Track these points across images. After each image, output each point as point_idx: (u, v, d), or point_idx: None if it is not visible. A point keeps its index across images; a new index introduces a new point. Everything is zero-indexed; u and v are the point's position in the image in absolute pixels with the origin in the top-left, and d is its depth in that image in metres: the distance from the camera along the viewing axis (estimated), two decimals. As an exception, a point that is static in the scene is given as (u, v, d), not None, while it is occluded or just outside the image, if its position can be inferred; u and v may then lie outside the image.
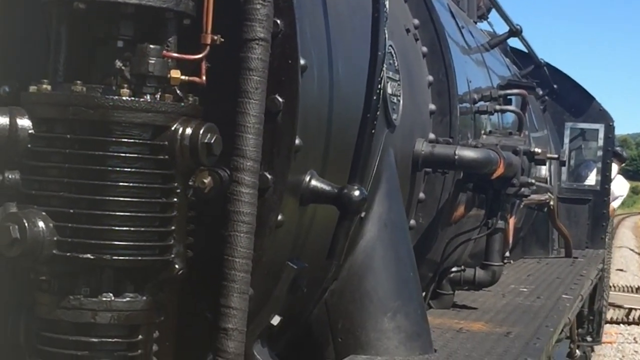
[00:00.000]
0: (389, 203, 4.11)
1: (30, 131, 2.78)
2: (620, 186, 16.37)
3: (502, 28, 9.25)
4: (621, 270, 26.21)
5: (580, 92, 12.79)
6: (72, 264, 2.72)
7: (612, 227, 16.29)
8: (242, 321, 2.90)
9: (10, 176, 2.79)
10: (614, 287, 19.36)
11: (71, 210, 2.71)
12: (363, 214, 3.86)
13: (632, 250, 34.95)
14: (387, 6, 3.27)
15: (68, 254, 2.70)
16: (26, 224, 2.67)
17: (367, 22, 3.39)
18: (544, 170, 10.37)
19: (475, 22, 8.79)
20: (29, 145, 2.78)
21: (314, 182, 3.27)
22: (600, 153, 12.78)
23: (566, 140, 12.77)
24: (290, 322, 3.55)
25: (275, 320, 3.35)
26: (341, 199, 3.27)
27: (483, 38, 8.29)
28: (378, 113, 3.33)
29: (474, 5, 8.80)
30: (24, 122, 2.78)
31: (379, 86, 3.28)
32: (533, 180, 6.10)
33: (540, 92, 11.70)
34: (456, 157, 4.79)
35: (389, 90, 4.25)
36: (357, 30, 3.72)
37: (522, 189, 5.73)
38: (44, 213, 2.72)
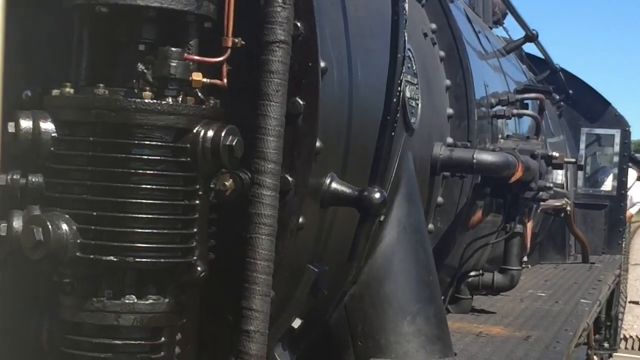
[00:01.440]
0: (408, 206, 4.11)
1: (53, 134, 2.79)
2: (639, 193, 16.32)
3: (517, 34, 9.24)
4: (636, 303, 19.33)
5: (596, 98, 12.78)
6: (95, 267, 2.73)
7: (629, 234, 16.20)
8: (264, 323, 2.90)
9: (33, 179, 2.81)
10: (625, 338, 15.48)
11: (94, 213, 2.72)
12: (382, 218, 3.86)
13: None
14: (407, 9, 3.28)
15: (91, 256, 2.71)
16: (50, 227, 2.68)
17: (386, 25, 3.40)
18: (560, 176, 10.36)
19: (491, 28, 8.79)
20: (52, 149, 2.79)
21: (334, 185, 3.28)
22: (616, 159, 12.77)
23: (582, 145, 12.75)
24: (310, 325, 3.55)
25: (296, 323, 3.36)
26: (361, 201, 3.27)
27: (499, 43, 8.29)
28: (398, 116, 3.34)
29: (489, 11, 8.80)
30: (47, 126, 2.80)
31: (399, 89, 3.28)
32: (551, 184, 6.09)
33: (557, 97, 11.69)
34: (474, 160, 4.79)
35: (408, 94, 4.25)
36: (375, 33, 3.73)
37: (540, 193, 5.73)
38: (67, 216, 2.73)
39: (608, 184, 12.92)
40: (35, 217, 2.74)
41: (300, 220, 3.14)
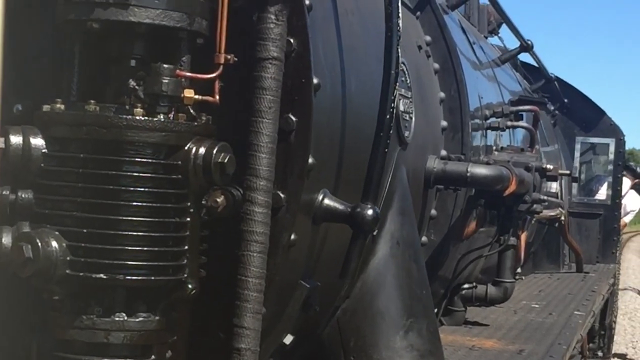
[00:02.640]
0: (401, 221, 4.09)
1: (43, 150, 2.77)
2: (633, 201, 16.34)
3: (512, 42, 9.25)
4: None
5: (590, 107, 12.79)
6: (85, 284, 2.71)
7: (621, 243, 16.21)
8: (255, 341, 2.89)
9: (23, 195, 2.78)
10: None
11: (84, 230, 2.69)
12: (375, 232, 3.84)
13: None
14: (401, 25, 3.27)
15: (81, 273, 2.69)
16: (39, 244, 2.66)
17: (379, 40, 3.39)
18: (554, 185, 10.35)
19: (486, 37, 8.79)
20: (42, 165, 2.76)
21: (326, 201, 3.26)
22: (610, 167, 12.77)
23: (577, 154, 12.75)
24: (302, 340, 3.53)
25: (288, 339, 3.34)
26: (354, 218, 3.26)
27: (494, 53, 8.29)
28: (391, 132, 3.32)
29: (484, 21, 8.80)
30: (38, 141, 2.77)
31: (392, 105, 3.27)
32: (545, 197, 6.08)
33: (552, 107, 11.69)
34: (468, 174, 4.78)
35: (401, 108, 4.24)
36: (369, 48, 3.72)
37: (534, 206, 5.72)
38: (57, 232, 2.70)
39: (602, 193, 12.92)
40: (25, 233, 2.72)
41: (292, 237, 3.12)
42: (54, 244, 2.69)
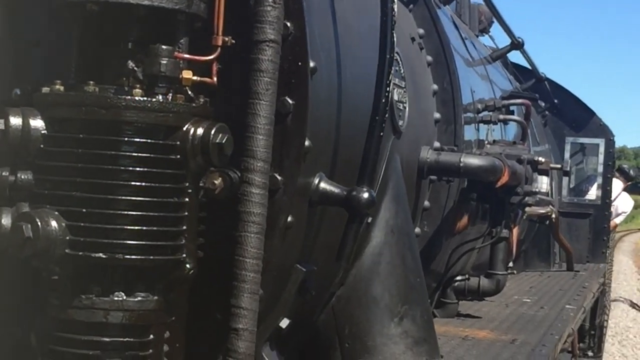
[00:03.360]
0: (395, 208, 4.12)
1: (43, 131, 2.79)
2: (624, 203, 16.40)
3: (502, 43, 9.28)
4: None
5: (580, 107, 12.84)
6: (84, 263, 2.72)
7: (612, 243, 16.25)
8: (253, 321, 2.91)
9: (23, 176, 2.80)
10: None
11: (83, 210, 2.71)
12: (370, 219, 3.87)
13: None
14: (396, 9, 3.30)
15: (80, 253, 2.71)
16: (39, 223, 2.68)
17: (374, 26, 3.42)
18: (545, 185, 10.39)
19: (477, 36, 8.83)
20: (42, 146, 2.79)
21: (323, 184, 3.29)
22: (600, 168, 12.82)
23: (567, 154, 12.81)
24: (297, 326, 3.56)
25: (284, 323, 3.37)
26: (350, 201, 3.28)
27: (485, 51, 8.33)
28: (386, 116, 3.35)
29: (475, 19, 8.84)
30: (37, 123, 2.80)
31: (388, 89, 3.29)
32: (537, 190, 6.12)
33: (542, 104, 11.74)
34: (461, 164, 4.81)
35: (395, 97, 4.27)
36: (363, 34, 3.75)
37: (526, 198, 5.75)
38: (56, 212, 2.72)
39: (592, 193, 12.97)
40: (24, 214, 2.74)
41: (289, 219, 3.14)
42: (54, 223, 2.71)
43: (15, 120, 2.79)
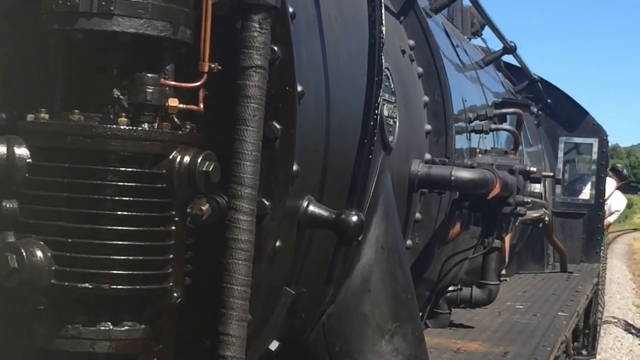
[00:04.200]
0: (385, 225, 4.10)
1: (28, 160, 2.77)
2: (618, 201, 16.41)
3: (495, 42, 9.28)
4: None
5: (574, 107, 12.84)
6: (71, 293, 2.70)
7: (606, 242, 16.23)
8: (241, 349, 2.89)
9: (8, 205, 2.78)
10: None
11: (69, 240, 2.69)
12: (360, 237, 3.85)
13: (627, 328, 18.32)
14: (384, 32, 3.28)
15: (66, 283, 2.69)
16: (24, 254, 2.66)
17: (363, 46, 3.40)
18: (538, 186, 10.38)
19: (469, 39, 8.81)
20: (27, 175, 2.76)
21: (311, 208, 3.27)
22: (594, 167, 12.83)
23: (560, 154, 12.81)
24: (287, 347, 3.54)
25: (274, 345, 3.35)
26: (339, 224, 3.26)
27: (477, 55, 8.32)
28: (375, 138, 3.33)
29: (467, 23, 8.82)
30: (22, 151, 2.77)
31: (376, 112, 3.28)
32: (529, 199, 6.11)
33: (535, 110, 11.74)
34: (452, 178, 4.79)
35: (385, 113, 4.25)
36: (353, 54, 3.73)
37: (518, 208, 5.74)
38: (42, 242, 2.70)
39: (586, 193, 12.98)
40: (10, 244, 2.72)
41: (277, 244, 3.13)
42: (39, 253, 2.69)
43: (0, 149, 2.76)
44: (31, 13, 2.92)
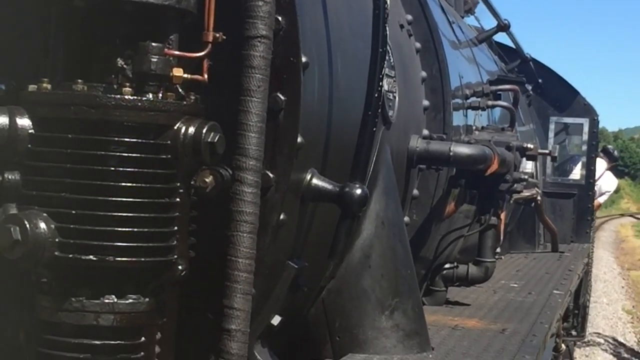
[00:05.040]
0: (385, 200, 4.08)
1: (30, 131, 2.74)
2: (608, 182, 16.43)
3: (488, 23, 9.25)
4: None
5: (564, 87, 12.83)
6: (74, 266, 2.67)
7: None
8: (245, 322, 2.87)
9: (10, 177, 2.75)
10: None
11: (73, 211, 2.66)
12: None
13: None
14: (388, 3, 3.24)
15: (70, 255, 2.66)
16: (27, 226, 2.63)
17: (365, 19, 3.37)
18: (529, 165, 10.37)
19: (462, 17, 8.77)
20: (29, 146, 2.73)
21: (315, 181, 3.24)
22: (584, 147, 12.83)
23: (551, 134, 12.81)
24: (288, 322, 3.52)
25: (276, 320, 3.33)
26: (343, 197, 3.24)
27: (471, 33, 8.28)
28: (379, 110, 3.31)
29: (461, 1, 8.78)
30: (24, 122, 2.74)
31: (381, 84, 3.25)
32: (526, 176, 6.09)
33: (529, 87, 11.74)
34: (451, 153, 4.77)
35: (386, 87, 4.21)
36: (354, 27, 3.69)
37: (515, 185, 5.73)
38: (45, 214, 2.67)
39: (577, 173, 12.98)
40: (12, 215, 2.69)
41: (281, 217, 3.10)
42: (42, 225, 2.66)
43: (1, 120, 2.72)
44: None
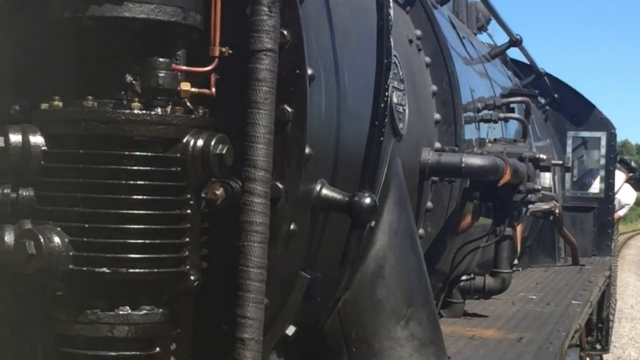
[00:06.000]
0: (398, 211, 4.12)
1: (43, 148, 2.80)
2: (627, 195, 16.37)
3: (501, 40, 9.29)
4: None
5: (581, 101, 12.85)
6: (88, 279, 2.73)
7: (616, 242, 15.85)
8: (259, 331, 2.91)
9: (24, 193, 2.81)
10: None
11: (86, 225, 2.72)
12: (373, 223, 3.87)
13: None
14: (392, 14, 3.30)
15: (84, 268, 2.71)
16: (42, 240, 2.69)
17: (371, 31, 3.42)
18: (548, 180, 10.39)
19: (475, 34, 8.83)
20: (43, 162, 2.79)
21: (324, 191, 3.29)
22: (603, 161, 12.84)
23: (569, 149, 12.83)
24: (304, 333, 3.56)
25: (290, 330, 3.37)
26: (352, 206, 3.28)
27: (483, 49, 8.33)
28: (386, 121, 3.35)
29: (473, 17, 8.85)
30: (37, 139, 2.80)
31: (386, 94, 3.30)
32: (539, 187, 6.11)
33: (542, 100, 11.75)
34: (463, 164, 4.81)
35: (395, 100, 4.27)
36: (361, 40, 3.75)
37: (529, 196, 5.75)
38: (59, 228, 2.73)
39: (596, 187, 12.99)
40: (27, 230, 2.75)
41: (292, 227, 3.14)
42: (57, 239, 2.72)
43: (15, 138, 2.79)
44: (40, 3, 2.94)
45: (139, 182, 2.74)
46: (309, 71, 3.09)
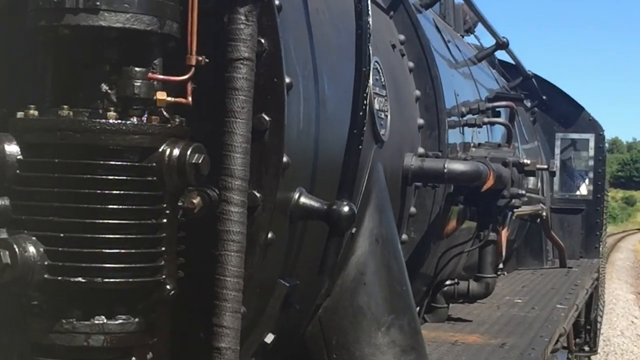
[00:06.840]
0: (379, 218, 4.12)
1: (18, 157, 2.79)
2: None
3: (489, 41, 9.30)
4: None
5: (569, 103, 12.87)
6: (64, 288, 2.72)
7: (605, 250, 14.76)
8: (235, 340, 2.90)
9: (0, 203, 2.80)
10: None
11: (61, 235, 2.71)
12: (354, 230, 3.87)
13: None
14: (371, 23, 3.29)
15: (59, 278, 2.70)
16: (17, 250, 2.68)
17: (351, 38, 3.42)
18: (535, 182, 10.39)
19: (462, 36, 8.83)
20: (18, 171, 2.78)
21: (303, 199, 3.29)
22: (591, 163, 12.86)
23: (557, 150, 12.84)
24: (284, 339, 3.55)
25: (269, 338, 3.36)
26: (331, 215, 3.28)
27: (470, 52, 8.34)
28: (365, 129, 3.35)
29: (460, 20, 8.85)
30: (12, 148, 2.79)
31: (365, 102, 3.29)
32: (524, 192, 6.12)
33: (529, 104, 11.76)
34: (445, 170, 4.81)
35: (376, 106, 4.27)
36: (342, 48, 3.74)
37: (513, 201, 5.76)
38: (34, 238, 2.72)
39: (584, 189, 13.00)
40: (2, 240, 2.73)
41: (270, 235, 3.14)
42: (32, 249, 2.71)
43: (-9, 147, 2.78)
44: (19, 12, 2.93)
45: (114, 192, 2.73)
46: (287, 79, 3.09)
